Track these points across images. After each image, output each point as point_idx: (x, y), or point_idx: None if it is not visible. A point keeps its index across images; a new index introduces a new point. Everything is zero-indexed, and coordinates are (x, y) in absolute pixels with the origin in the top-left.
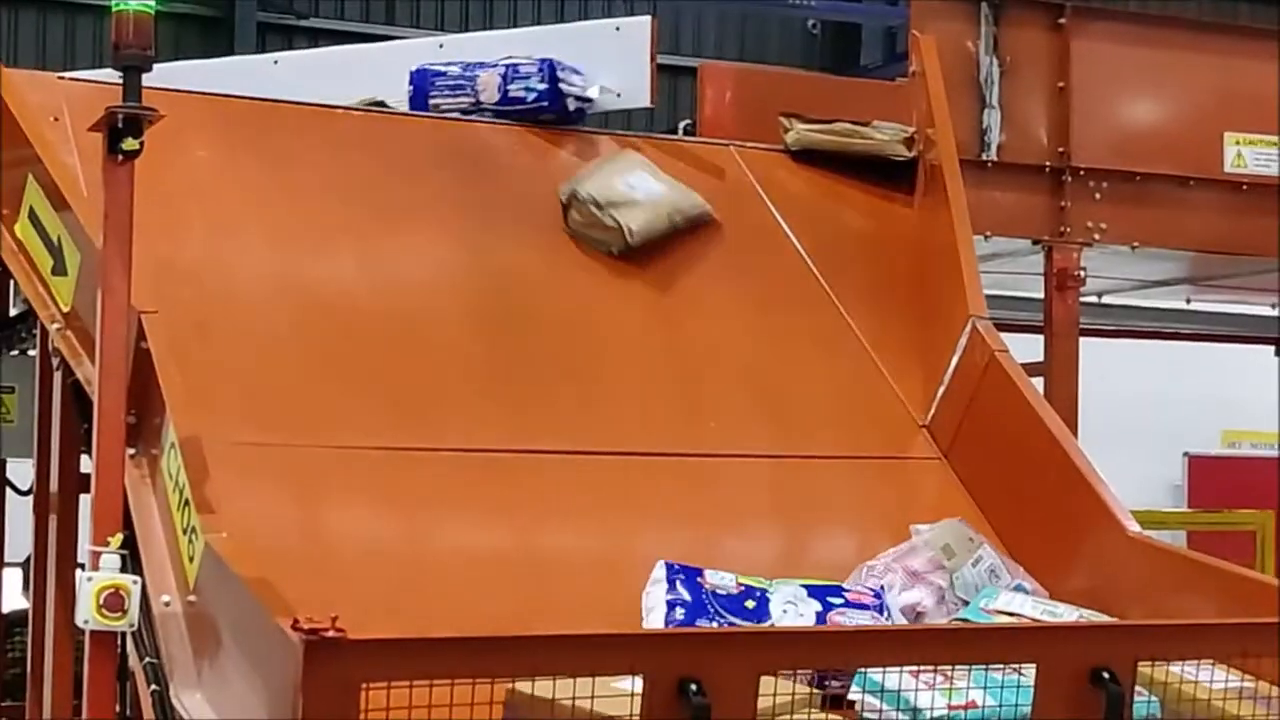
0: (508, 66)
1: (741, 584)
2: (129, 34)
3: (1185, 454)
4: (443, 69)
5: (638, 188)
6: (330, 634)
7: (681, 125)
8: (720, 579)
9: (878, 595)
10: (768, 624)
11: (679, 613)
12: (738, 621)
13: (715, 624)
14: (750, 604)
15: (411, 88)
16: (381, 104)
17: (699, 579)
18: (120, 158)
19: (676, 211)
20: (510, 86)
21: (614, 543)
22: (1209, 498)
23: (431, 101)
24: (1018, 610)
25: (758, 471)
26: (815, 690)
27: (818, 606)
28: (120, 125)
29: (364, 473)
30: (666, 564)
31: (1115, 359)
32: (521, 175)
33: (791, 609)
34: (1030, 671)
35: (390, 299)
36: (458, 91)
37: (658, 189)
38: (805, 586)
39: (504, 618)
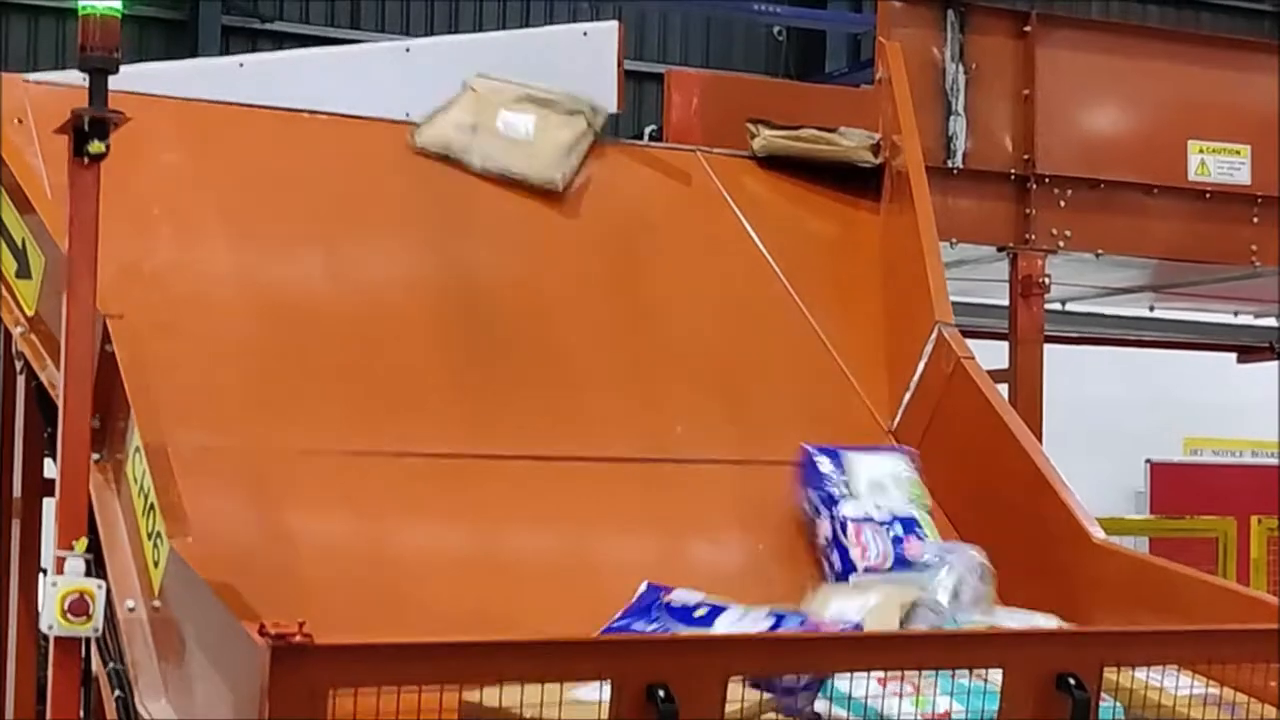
0: None
1: (706, 602)
2: (95, 36)
3: (1147, 461)
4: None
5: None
6: (297, 639)
7: (647, 131)
8: (687, 596)
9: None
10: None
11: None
12: (676, 625)
13: (653, 627)
14: (700, 613)
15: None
16: None
17: (661, 593)
18: (86, 161)
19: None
20: None
21: (580, 548)
22: (1170, 505)
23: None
24: (992, 619)
25: (723, 477)
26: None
27: (771, 622)
28: (86, 128)
29: (330, 477)
30: (649, 584)
31: (1078, 366)
32: (495, 182)
33: (739, 624)
34: (996, 678)
35: (357, 303)
36: None
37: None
38: (771, 611)
39: (470, 623)
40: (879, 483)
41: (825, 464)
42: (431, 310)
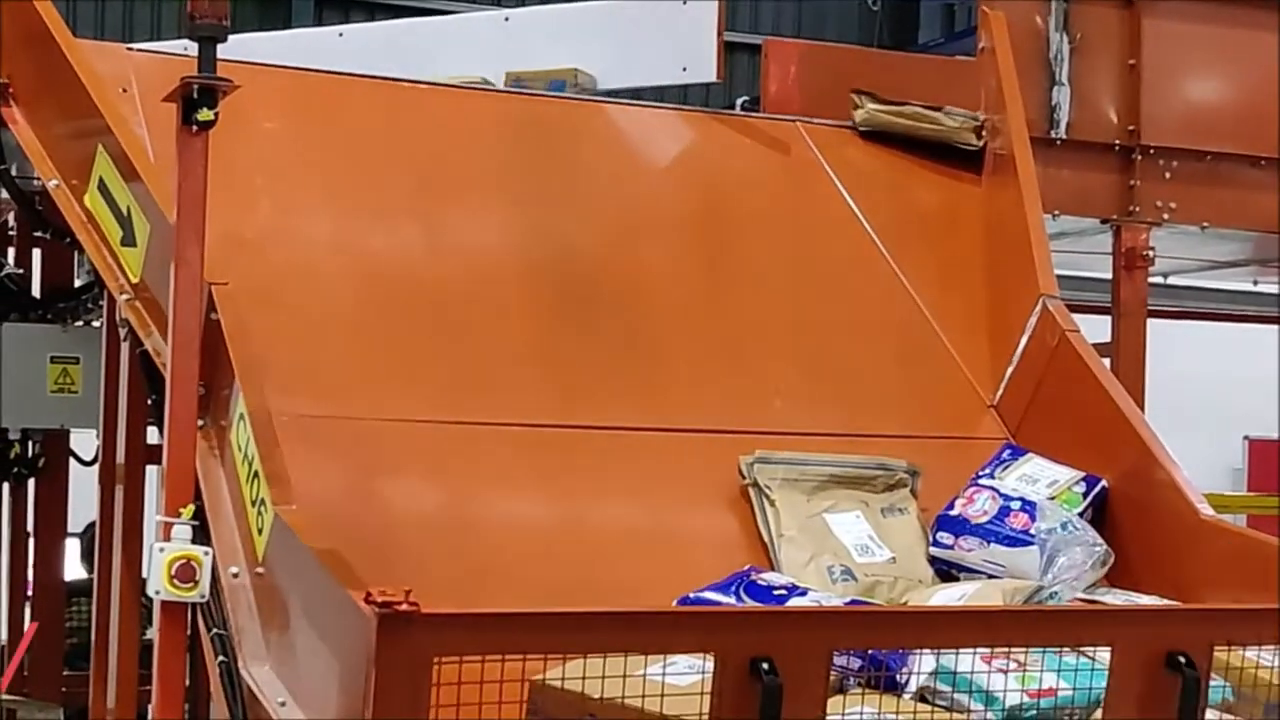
0: None
1: (789, 584)
2: (205, 5)
3: (1245, 437)
4: None
5: None
6: (404, 608)
7: (739, 101)
8: (774, 577)
9: None
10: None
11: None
12: (747, 599)
13: (730, 599)
14: (779, 592)
15: None
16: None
17: (753, 572)
18: (194, 129)
19: None
20: None
21: (674, 520)
22: (1269, 482)
23: None
24: (1098, 598)
25: (823, 450)
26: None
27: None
28: (195, 96)
29: (428, 446)
30: (751, 567)
31: (1176, 340)
32: (594, 152)
33: (817, 599)
34: (1102, 656)
35: (454, 273)
36: None
37: None
38: (852, 600)
39: (561, 593)
40: (1033, 477)
41: (1005, 454)
42: (528, 280)
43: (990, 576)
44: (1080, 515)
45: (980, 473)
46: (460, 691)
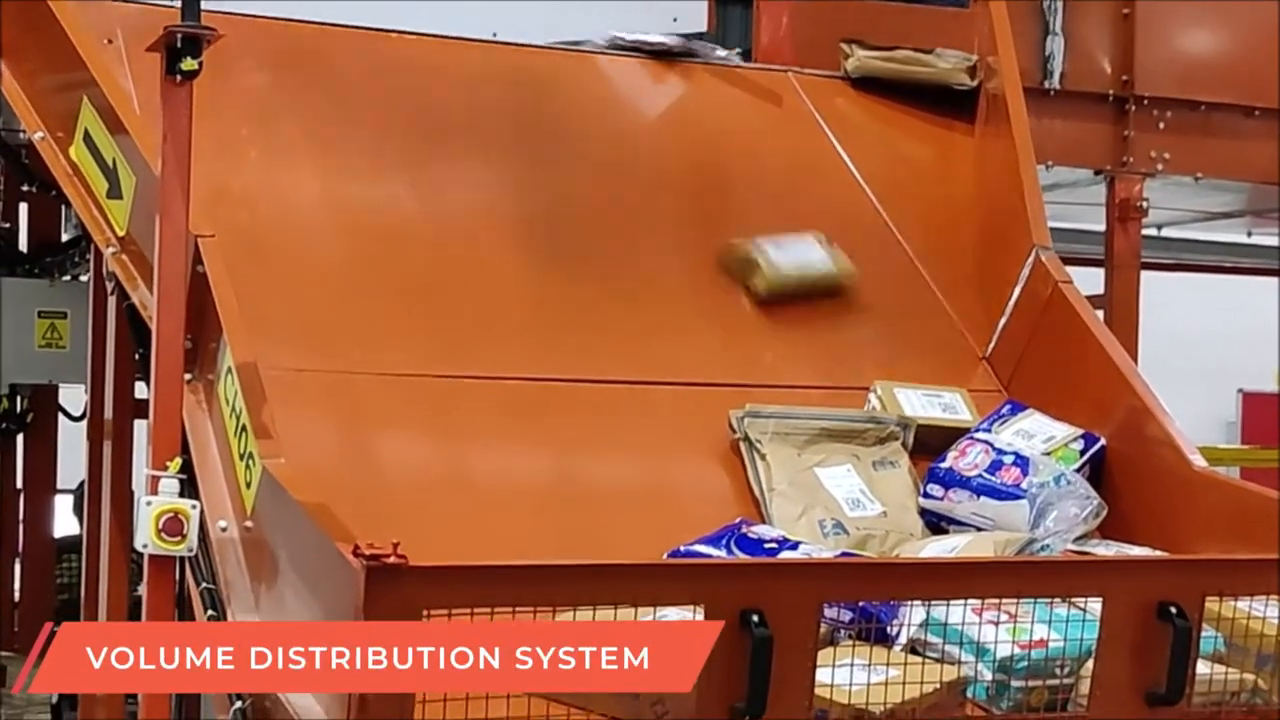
0: None
1: (780, 537)
2: None
3: (1239, 390)
4: None
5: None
6: (391, 560)
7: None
8: (765, 530)
9: None
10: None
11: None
12: (738, 552)
13: (721, 552)
14: (770, 545)
15: None
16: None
17: (744, 525)
18: (179, 79)
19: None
20: None
21: (665, 474)
22: (1263, 434)
23: None
24: (1089, 549)
25: (815, 403)
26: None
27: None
28: (179, 45)
29: (417, 400)
30: (742, 519)
31: (1170, 292)
32: (583, 104)
33: (807, 552)
34: (1094, 607)
35: (444, 225)
36: None
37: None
38: (843, 553)
39: (553, 546)
40: (1030, 433)
41: (1005, 409)
42: (518, 232)
43: (978, 529)
44: (1076, 472)
45: (978, 426)
46: None
